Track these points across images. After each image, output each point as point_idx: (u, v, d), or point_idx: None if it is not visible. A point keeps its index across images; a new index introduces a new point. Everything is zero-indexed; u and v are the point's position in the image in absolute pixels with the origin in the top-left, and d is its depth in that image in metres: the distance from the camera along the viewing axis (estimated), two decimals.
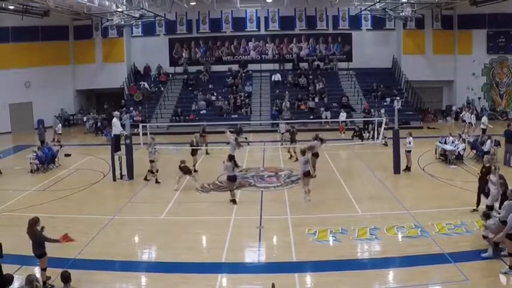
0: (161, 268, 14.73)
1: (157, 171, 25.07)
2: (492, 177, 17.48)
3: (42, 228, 13.41)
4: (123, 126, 26.71)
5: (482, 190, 18.38)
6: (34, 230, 13.21)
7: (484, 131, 31.95)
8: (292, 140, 29.91)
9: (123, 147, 26.00)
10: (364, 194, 21.96)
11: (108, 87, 46.57)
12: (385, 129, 29.78)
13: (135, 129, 30.47)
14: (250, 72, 48.89)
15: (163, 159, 28.63)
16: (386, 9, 42.35)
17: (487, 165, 18.73)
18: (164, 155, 28.97)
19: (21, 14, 37.05)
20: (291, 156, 29.59)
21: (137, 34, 48.74)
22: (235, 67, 48.91)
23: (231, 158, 23.41)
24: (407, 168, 25.18)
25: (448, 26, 46.34)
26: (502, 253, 14.34)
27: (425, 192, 22.12)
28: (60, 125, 37.64)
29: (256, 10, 48.51)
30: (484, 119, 33.48)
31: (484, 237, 14.84)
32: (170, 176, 25.81)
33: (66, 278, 10.57)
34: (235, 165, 23.74)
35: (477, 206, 18.53)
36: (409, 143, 25.13)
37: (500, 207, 15.97)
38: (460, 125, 37.89)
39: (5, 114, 43.12)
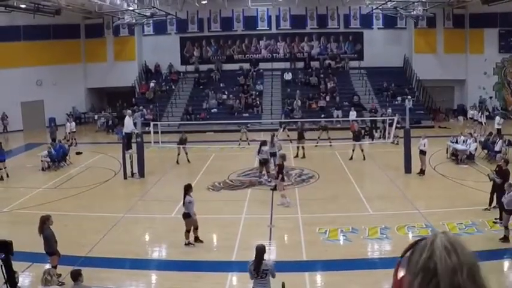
0: (171, 266, 14.79)
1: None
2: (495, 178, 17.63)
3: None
4: (134, 124, 26.76)
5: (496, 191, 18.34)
6: (44, 228, 13.27)
7: (498, 130, 31.76)
8: (301, 138, 29.90)
9: (134, 146, 26.06)
10: (375, 194, 21.93)
11: (119, 85, 46.57)
12: (396, 128, 29.71)
13: (146, 128, 30.57)
14: (261, 71, 48.77)
15: (175, 158, 28.70)
16: (398, 8, 42.24)
17: (500, 164, 18.69)
18: (175, 154, 28.96)
19: (32, 13, 37.26)
20: (297, 154, 29.76)
21: (148, 33, 48.79)
22: (246, 66, 48.82)
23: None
24: (422, 172, 24.90)
25: (460, 25, 46.08)
26: None
27: (436, 191, 22.04)
28: (73, 123, 37.62)
29: (267, 9, 48.41)
30: (497, 118, 33.31)
31: None
32: (181, 175, 25.89)
33: (76, 276, 10.60)
34: None
35: (489, 205, 18.46)
36: (424, 145, 24.89)
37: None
38: (471, 124, 37.70)
39: (16, 112, 43.28)
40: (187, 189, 16.39)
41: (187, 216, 16.10)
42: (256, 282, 10.84)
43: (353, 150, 29.06)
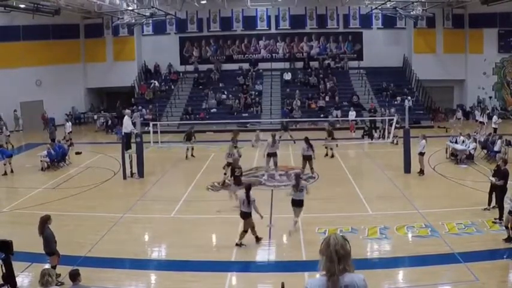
0: (171, 266, 14.76)
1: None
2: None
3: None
4: (133, 124, 26.75)
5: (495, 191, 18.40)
6: (44, 228, 13.26)
7: (495, 130, 31.89)
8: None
9: (133, 146, 26.05)
10: (375, 193, 21.90)
11: (119, 85, 46.64)
12: (395, 128, 29.71)
13: (146, 128, 30.59)
14: (260, 70, 48.85)
15: (174, 158, 28.71)
16: (397, 8, 42.27)
17: (499, 163, 18.68)
18: (175, 154, 29.00)
19: (32, 13, 37.28)
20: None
21: (148, 33, 48.82)
22: (245, 66, 48.93)
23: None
24: (421, 172, 24.94)
25: (459, 25, 46.16)
26: None
27: (435, 191, 22.03)
28: (69, 123, 37.55)
29: (267, 9, 48.48)
30: (495, 118, 33.44)
31: None
32: (181, 175, 25.87)
33: (74, 276, 10.58)
34: None
35: (489, 205, 18.47)
36: (422, 147, 24.86)
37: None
38: (474, 124, 37.72)
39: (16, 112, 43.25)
40: (250, 188, 16.19)
41: (248, 215, 15.86)
42: (295, 194, 16.75)
43: (331, 149, 29.25)
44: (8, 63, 42.09)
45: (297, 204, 16.81)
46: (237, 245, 15.78)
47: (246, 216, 15.85)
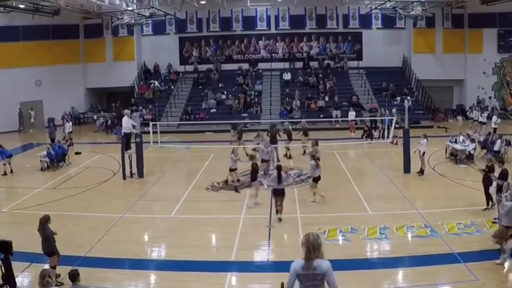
0: (170, 266, 14.74)
1: (238, 180, 24.15)
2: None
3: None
4: (133, 124, 26.72)
5: (487, 190, 18.49)
6: (44, 228, 13.26)
7: (495, 130, 31.86)
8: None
9: (133, 146, 26.03)
10: (374, 193, 21.89)
11: (119, 85, 46.70)
12: (395, 128, 29.70)
13: (146, 128, 30.57)
14: (260, 71, 48.85)
15: (174, 158, 28.66)
16: (397, 8, 42.23)
17: (489, 164, 18.73)
18: (174, 154, 28.97)
19: (31, 13, 37.25)
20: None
21: (147, 33, 48.79)
22: (245, 66, 48.93)
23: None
24: (421, 172, 24.93)
25: (459, 25, 46.12)
26: None
27: (435, 191, 22.00)
28: (70, 123, 37.46)
29: (266, 9, 48.46)
30: (495, 118, 33.41)
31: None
32: (181, 175, 25.83)
33: (74, 276, 10.57)
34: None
35: (487, 205, 18.50)
36: (423, 145, 24.86)
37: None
38: (472, 124, 37.67)
39: (15, 112, 43.24)
40: (281, 168, 18.64)
41: (283, 192, 18.30)
42: (316, 172, 19.99)
43: (288, 149, 29.59)
44: (8, 63, 42.12)
45: (318, 179, 20.34)
46: (280, 219, 18.02)
47: (280, 192, 18.20)
